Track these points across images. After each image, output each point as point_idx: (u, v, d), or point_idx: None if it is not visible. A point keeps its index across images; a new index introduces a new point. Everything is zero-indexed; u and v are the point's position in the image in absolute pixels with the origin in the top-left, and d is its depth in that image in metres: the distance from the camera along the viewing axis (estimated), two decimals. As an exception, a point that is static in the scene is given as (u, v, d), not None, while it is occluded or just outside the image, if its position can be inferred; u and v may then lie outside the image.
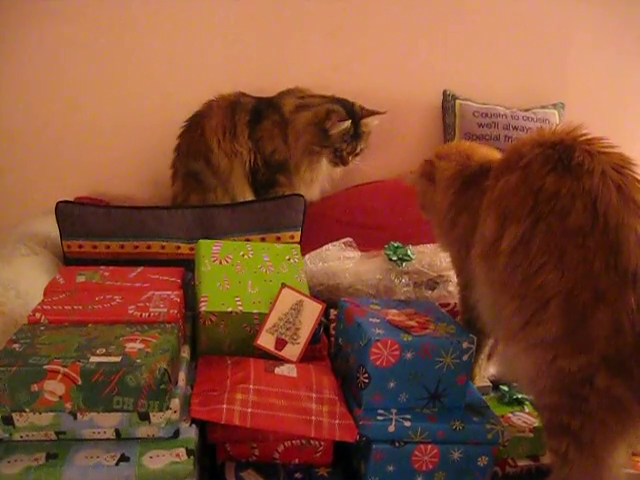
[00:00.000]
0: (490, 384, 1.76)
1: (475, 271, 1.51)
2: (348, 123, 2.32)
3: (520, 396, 1.70)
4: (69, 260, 2.07)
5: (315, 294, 1.79)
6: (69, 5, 2.47)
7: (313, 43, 2.63)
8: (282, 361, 1.56)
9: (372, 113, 2.41)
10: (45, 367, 1.25)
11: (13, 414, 1.25)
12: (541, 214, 1.31)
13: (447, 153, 1.71)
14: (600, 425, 1.28)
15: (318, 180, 2.47)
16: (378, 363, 1.45)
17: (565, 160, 1.32)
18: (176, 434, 1.32)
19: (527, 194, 1.34)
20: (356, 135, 2.39)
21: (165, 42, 2.56)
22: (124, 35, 2.53)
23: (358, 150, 2.43)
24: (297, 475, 1.43)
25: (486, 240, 1.43)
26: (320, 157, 2.40)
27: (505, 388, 1.73)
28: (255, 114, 2.41)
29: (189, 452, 1.28)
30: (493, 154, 1.65)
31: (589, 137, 1.38)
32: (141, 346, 1.35)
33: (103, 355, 1.30)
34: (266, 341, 1.58)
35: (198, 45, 2.57)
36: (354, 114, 2.37)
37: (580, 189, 1.28)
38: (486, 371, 1.78)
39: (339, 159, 2.40)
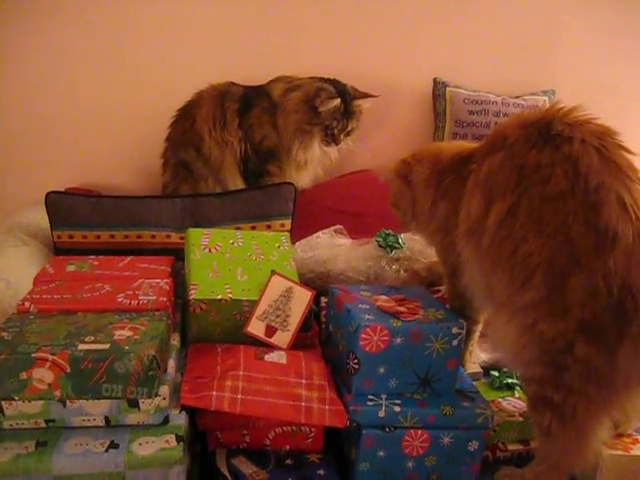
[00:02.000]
0: (481, 370, 1.77)
1: (462, 253, 1.52)
2: (337, 101, 2.34)
3: (510, 381, 1.71)
4: (59, 250, 2.06)
5: (306, 282, 1.80)
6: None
7: (303, 31, 2.62)
8: (272, 348, 1.56)
9: (365, 95, 2.43)
10: (33, 355, 1.25)
11: (2, 402, 1.25)
12: (525, 187, 1.33)
13: (421, 157, 1.72)
14: (582, 398, 1.29)
15: (311, 163, 2.48)
16: (368, 349, 1.45)
17: (545, 134, 1.35)
18: (165, 421, 1.32)
19: (512, 171, 1.36)
20: (347, 113, 2.40)
21: (155, 34, 2.55)
22: (114, 27, 2.52)
23: (349, 128, 2.44)
24: (288, 461, 1.43)
25: (472, 218, 1.45)
26: (312, 137, 2.40)
27: (495, 373, 1.74)
28: (244, 102, 2.41)
29: (178, 438, 1.28)
30: (462, 145, 1.68)
31: (567, 110, 1.40)
32: (130, 333, 1.35)
33: (92, 343, 1.30)
34: (256, 328, 1.58)
35: (188, 36, 2.56)
36: (345, 93, 2.40)
37: (560, 156, 1.31)
38: (477, 357, 1.79)
39: (330, 138, 2.41)
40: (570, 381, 1.29)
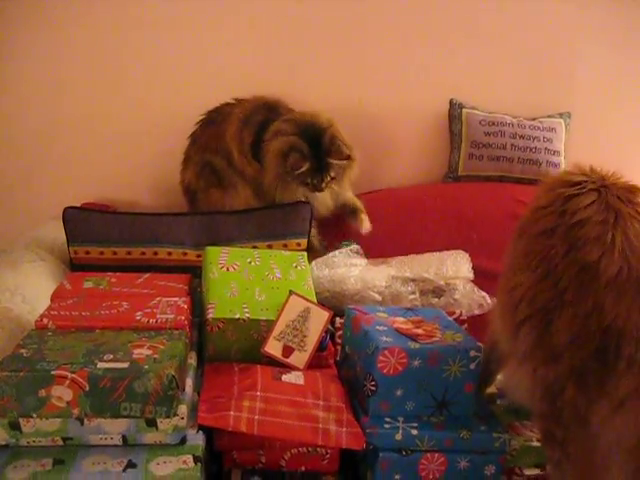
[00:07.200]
0: (496, 391, 1.75)
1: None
2: (306, 166, 2.14)
3: (527, 405, 1.70)
4: (76, 266, 2.07)
5: (321, 300, 1.79)
6: (72, 18, 2.49)
7: (320, 52, 2.62)
8: (289, 368, 1.56)
9: (339, 155, 2.17)
10: (53, 372, 1.25)
11: (20, 419, 1.26)
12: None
13: None
14: (577, 438, 1.30)
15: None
16: (385, 371, 1.45)
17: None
18: (183, 441, 1.32)
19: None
20: (321, 169, 2.16)
21: (170, 50, 2.56)
22: (128, 44, 2.53)
23: (328, 180, 2.20)
24: (303, 482, 1.43)
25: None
26: (292, 187, 2.22)
27: (512, 396, 1.73)
28: (257, 137, 2.27)
29: (196, 459, 1.28)
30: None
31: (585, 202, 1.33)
32: (149, 352, 1.35)
33: (111, 361, 1.31)
34: (273, 348, 1.58)
35: (202, 53, 2.57)
36: (319, 148, 2.16)
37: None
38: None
39: (311, 187, 2.20)
40: (565, 421, 1.30)
